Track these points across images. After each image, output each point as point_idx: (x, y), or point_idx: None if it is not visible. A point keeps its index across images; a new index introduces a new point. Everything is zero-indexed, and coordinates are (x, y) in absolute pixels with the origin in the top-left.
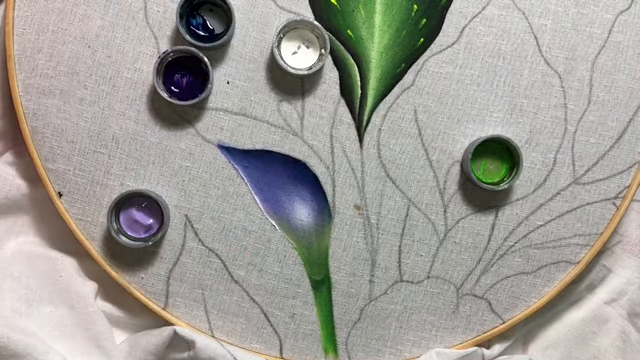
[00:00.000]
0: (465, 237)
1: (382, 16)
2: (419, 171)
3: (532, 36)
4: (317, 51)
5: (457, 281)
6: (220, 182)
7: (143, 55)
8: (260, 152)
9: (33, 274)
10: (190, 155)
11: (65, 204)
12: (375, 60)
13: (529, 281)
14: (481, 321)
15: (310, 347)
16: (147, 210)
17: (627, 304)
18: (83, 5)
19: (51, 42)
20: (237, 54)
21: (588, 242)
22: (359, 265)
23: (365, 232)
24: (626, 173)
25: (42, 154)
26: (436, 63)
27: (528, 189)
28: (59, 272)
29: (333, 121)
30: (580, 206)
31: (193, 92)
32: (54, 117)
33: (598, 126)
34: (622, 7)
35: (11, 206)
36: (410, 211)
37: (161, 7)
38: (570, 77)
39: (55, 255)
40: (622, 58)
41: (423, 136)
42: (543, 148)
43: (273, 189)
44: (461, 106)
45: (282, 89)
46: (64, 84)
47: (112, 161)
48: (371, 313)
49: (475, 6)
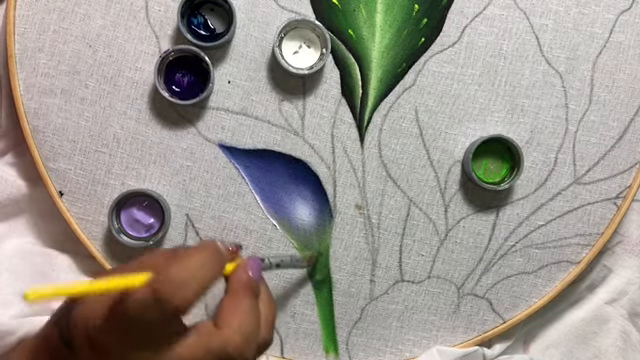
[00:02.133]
0: (466, 237)
1: (383, 16)
2: (420, 171)
3: (533, 36)
4: (318, 51)
5: (458, 281)
6: (221, 181)
7: (144, 54)
8: (261, 152)
9: (29, 270)
10: (191, 154)
11: (66, 203)
12: (376, 60)
13: (530, 281)
14: (482, 321)
15: (311, 346)
16: (148, 209)
17: (628, 304)
18: (84, 4)
19: (52, 41)
20: (238, 53)
21: (589, 242)
22: (360, 265)
23: (366, 232)
24: (627, 173)
25: (43, 153)
26: (437, 63)
27: (529, 189)
28: (52, 267)
29: (334, 121)
30: (581, 206)
31: (194, 91)
32: (55, 116)
33: (599, 126)
34: (623, 7)
35: (12, 206)
36: (411, 211)
37: (162, 6)
38: (571, 77)
39: (51, 252)
40: (623, 58)
41: (424, 136)
42: (544, 148)
43: (274, 189)
44: (462, 106)
45: (283, 89)
46: (65, 83)
47: (113, 160)
48: (372, 313)
49: (476, 6)
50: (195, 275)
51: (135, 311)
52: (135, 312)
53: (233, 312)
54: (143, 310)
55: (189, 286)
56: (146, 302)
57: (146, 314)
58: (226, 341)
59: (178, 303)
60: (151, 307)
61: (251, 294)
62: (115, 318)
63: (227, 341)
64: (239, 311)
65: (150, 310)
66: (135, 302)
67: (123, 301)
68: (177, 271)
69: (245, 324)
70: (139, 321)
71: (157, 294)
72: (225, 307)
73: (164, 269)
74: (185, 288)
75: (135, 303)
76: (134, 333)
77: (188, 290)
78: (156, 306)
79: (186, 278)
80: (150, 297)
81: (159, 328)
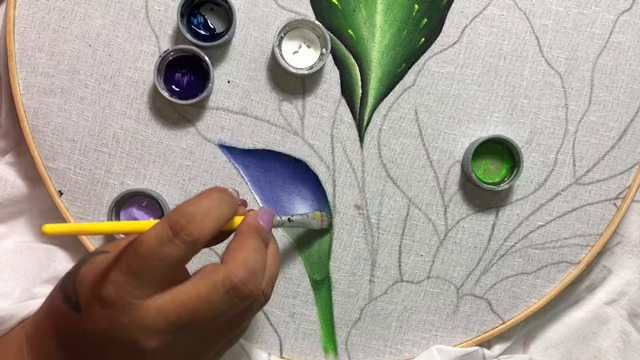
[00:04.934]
0: (465, 237)
1: (383, 16)
2: (420, 171)
3: (533, 36)
4: (318, 51)
5: (457, 281)
6: (220, 181)
7: (144, 54)
8: (261, 151)
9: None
10: (191, 154)
11: (65, 203)
12: (376, 60)
13: (529, 281)
14: (481, 321)
15: (310, 347)
16: (147, 209)
17: (627, 304)
18: (84, 4)
19: (52, 41)
20: (238, 53)
21: (588, 242)
22: (359, 265)
23: (365, 232)
24: (627, 174)
25: (43, 153)
26: (437, 63)
27: (528, 189)
28: (52, 259)
29: (334, 121)
30: (580, 206)
31: (194, 91)
32: (55, 116)
33: (599, 126)
34: (623, 7)
35: (11, 206)
36: (410, 211)
37: (162, 6)
38: (571, 77)
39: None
40: (623, 59)
41: (424, 136)
42: (544, 148)
43: (273, 188)
44: (462, 106)
45: (283, 88)
46: (65, 83)
47: (113, 160)
48: (371, 313)
49: (476, 6)
50: (211, 210)
51: (151, 246)
52: (151, 247)
53: (238, 249)
54: (160, 243)
55: (208, 217)
56: (162, 235)
57: (163, 248)
58: (230, 272)
59: (197, 235)
60: (169, 240)
61: (258, 236)
62: (126, 260)
63: (231, 272)
64: (244, 248)
65: (168, 243)
66: (152, 236)
67: (135, 241)
68: (194, 208)
69: (250, 259)
70: (152, 259)
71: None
72: (231, 247)
73: (178, 208)
74: (204, 220)
75: (152, 238)
76: (145, 275)
77: (206, 222)
78: (174, 239)
79: (203, 212)
80: (167, 230)
81: (171, 266)
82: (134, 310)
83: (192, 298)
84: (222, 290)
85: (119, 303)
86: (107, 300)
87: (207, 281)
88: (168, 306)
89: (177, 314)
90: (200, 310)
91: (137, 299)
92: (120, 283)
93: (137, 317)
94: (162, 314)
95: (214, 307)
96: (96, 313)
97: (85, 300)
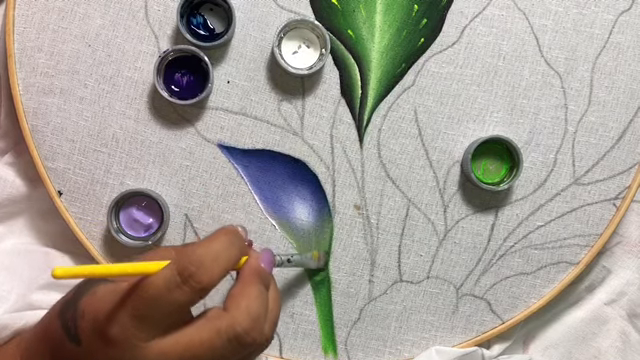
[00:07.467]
0: (465, 237)
1: (383, 16)
2: (419, 171)
3: (533, 36)
4: (317, 51)
5: (457, 281)
6: (220, 181)
7: (143, 54)
8: (260, 152)
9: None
10: (190, 154)
11: (65, 203)
12: (376, 60)
13: (529, 281)
14: (481, 321)
15: (309, 347)
16: (147, 209)
17: (627, 305)
18: (84, 4)
19: (51, 41)
20: (237, 53)
21: (588, 243)
22: (359, 265)
23: (365, 232)
24: (626, 174)
25: (42, 153)
26: (436, 63)
27: (528, 189)
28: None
29: (333, 121)
30: (580, 207)
31: (193, 91)
32: (54, 116)
33: (598, 127)
34: (623, 8)
35: (11, 206)
36: (410, 211)
37: (161, 6)
38: (570, 77)
39: (49, 251)
40: (623, 59)
41: (423, 136)
42: (543, 148)
43: (273, 189)
44: (461, 106)
45: (282, 89)
46: (64, 83)
47: (112, 160)
48: (370, 313)
49: (476, 6)
50: (220, 254)
51: (160, 290)
52: (158, 292)
53: (241, 296)
54: (169, 289)
55: (216, 263)
56: (171, 281)
57: (172, 293)
58: (234, 321)
59: (206, 281)
60: (177, 286)
61: (260, 282)
62: (133, 303)
63: (235, 320)
64: (247, 295)
65: (176, 289)
66: (159, 280)
67: (143, 284)
68: (203, 251)
69: (253, 306)
70: (160, 303)
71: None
72: (234, 292)
73: (187, 251)
74: (212, 266)
75: (159, 281)
76: (151, 318)
77: (215, 268)
78: (183, 285)
79: (212, 258)
80: (175, 276)
81: (177, 311)
82: (137, 351)
83: (195, 343)
84: (225, 337)
85: (123, 343)
86: (111, 339)
87: (211, 327)
88: (171, 349)
89: (179, 358)
90: (203, 356)
91: (141, 341)
92: (125, 324)
93: (140, 358)
94: (164, 356)
95: (217, 353)
96: (97, 350)
97: (86, 335)
